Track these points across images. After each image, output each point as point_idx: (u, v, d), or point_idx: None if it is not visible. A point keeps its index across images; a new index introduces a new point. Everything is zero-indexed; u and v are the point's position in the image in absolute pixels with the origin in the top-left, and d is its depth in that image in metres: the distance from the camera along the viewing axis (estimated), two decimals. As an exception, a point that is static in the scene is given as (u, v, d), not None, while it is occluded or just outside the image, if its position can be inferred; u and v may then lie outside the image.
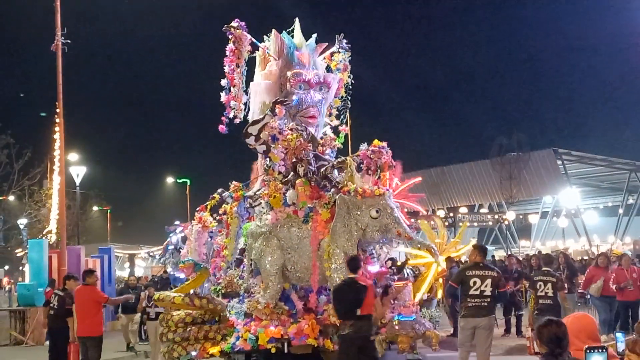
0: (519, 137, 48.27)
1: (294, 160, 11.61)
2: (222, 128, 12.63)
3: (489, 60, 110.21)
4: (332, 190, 11.56)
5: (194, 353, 10.84)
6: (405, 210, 13.51)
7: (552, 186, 48.60)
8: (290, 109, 12.59)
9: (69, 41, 20.46)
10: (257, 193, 12.52)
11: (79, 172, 33.12)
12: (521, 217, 57.65)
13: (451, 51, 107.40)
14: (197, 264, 11.74)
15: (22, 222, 36.56)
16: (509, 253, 34.36)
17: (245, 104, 12.83)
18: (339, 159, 11.99)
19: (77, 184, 33.53)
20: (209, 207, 12.76)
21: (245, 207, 12.64)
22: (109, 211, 54.70)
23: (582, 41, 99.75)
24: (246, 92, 12.93)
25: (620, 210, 51.68)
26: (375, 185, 11.16)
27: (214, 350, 10.82)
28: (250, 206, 12.63)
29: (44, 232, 31.42)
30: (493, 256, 42.03)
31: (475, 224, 51.02)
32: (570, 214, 50.68)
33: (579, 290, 16.61)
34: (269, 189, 11.47)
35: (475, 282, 9.87)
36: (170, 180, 56.11)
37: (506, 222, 51.53)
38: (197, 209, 12.83)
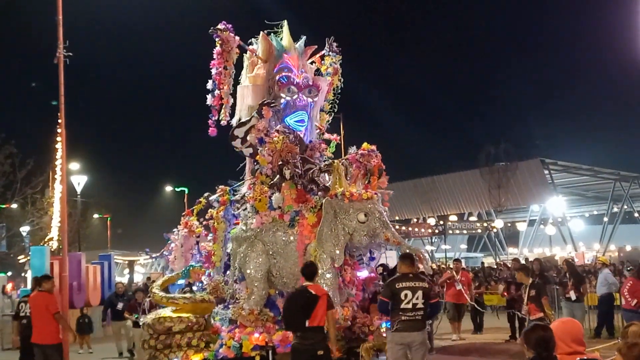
0: (506, 146, 47.67)
1: (280, 162, 10.82)
2: (212, 131, 11.63)
3: (478, 71, 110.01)
4: (320, 193, 10.79)
5: (175, 361, 10.01)
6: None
7: (540, 195, 48.10)
8: (278, 112, 11.78)
9: (70, 54, 19.69)
10: (243, 197, 11.69)
11: (80, 181, 32.81)
12: (509, 225, 57.18)
13: (441, 61, 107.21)
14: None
15: (25, 229, 35.87)
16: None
17: (232, 107, 11.95)
18: (326, 162, 11.21)
19: (78, 192, 33.17)
20: (195, 211, 11.92)
21: (232, 211, 11.80)
22: (109, 219, 54.07)
23: (569, 54, 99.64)
24: (234, 95, 12.08)
25: (605, 219, 51.21)
26: (364, 189, 10.38)
27: (197, 357, 10.03)
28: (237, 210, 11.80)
29: (46, 239, 30.84)
30: (482, 263, 41.48)
31: (465, 231, 50.44)
32: (556, 222, 50.24)
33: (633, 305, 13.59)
34: (254, 192, 10.68)
35: (406, 295, 8.62)
36: (168, 188, 55.46)
37: (495, 230, 50.98)
38: (183, 213, 11.97)
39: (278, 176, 10.96)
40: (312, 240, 10.17)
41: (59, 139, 22.95)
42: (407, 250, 10.38)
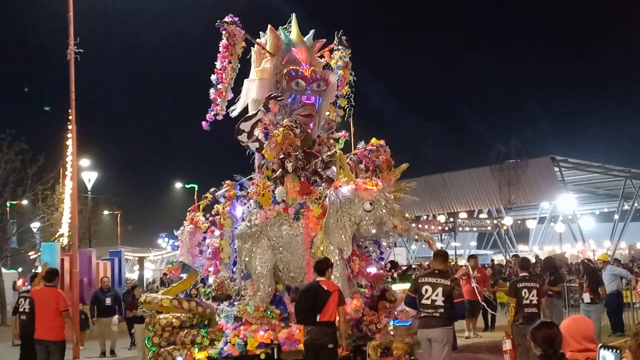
0: (516, 144, 47.27)
1: (281, 156, 10.54)
2: (204, 124, 11.48)
3: (489, 69, 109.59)
4: (323, 184, 10.52)
5: (179, 359, 9.78)
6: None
7: (550, 192, 47.63)
8: (285, 106, 11.50)
9: (81, 50, 19.56)
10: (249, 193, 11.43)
11: (90, 178, 32.78)
12: (519, 222, 56.78)
13: (452, 59, 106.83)
14: (186, 266, 10.75)
15: (35, 225, 35.82)
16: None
17: (230, 101, 11.68)
18: (328, 153, 10.94)
19: (89, 188, 33.11)
20: (201, 207, 11.67)
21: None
22: (119, 215, 54.06)
23: (579, 52, 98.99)
24: (239, 89, 11.81)
25: (616, 216, 50.63)
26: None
27: (201, 355, 9.80)
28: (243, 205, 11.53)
29: (56, 236, 30.60)
30: (492, 260, 41.18)
31: (475, 228, 50.10)
32: (567, 220, 49.80)
33: None
34: (257, 187, 10.42)
35: (426, 290, 8.56)
36: (178, 185, 55.44)
37: (505, 227, 50.59)
38: (189, 209, 11.71)
39: (280, 169, 10.70)
40: (318, 232, 9.90)
41: (69, 135, 22.74)
42: (416, 236, 10.02)
